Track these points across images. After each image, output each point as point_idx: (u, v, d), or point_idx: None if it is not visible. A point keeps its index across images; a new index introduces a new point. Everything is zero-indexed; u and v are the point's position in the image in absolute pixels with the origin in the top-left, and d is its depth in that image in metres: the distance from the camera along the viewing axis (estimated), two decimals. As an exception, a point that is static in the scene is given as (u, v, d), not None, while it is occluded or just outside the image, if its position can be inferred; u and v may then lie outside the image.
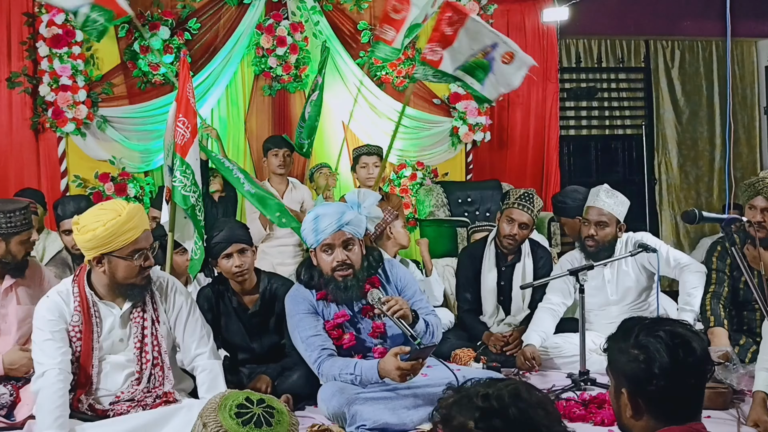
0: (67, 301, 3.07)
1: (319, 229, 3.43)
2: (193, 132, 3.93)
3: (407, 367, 3.13)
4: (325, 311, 3.52)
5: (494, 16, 7.02)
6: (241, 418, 1.71)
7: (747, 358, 3.81)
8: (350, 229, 3.45)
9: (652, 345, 1.80)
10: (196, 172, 3.92)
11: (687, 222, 3.07)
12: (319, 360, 3.40)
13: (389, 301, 3.31)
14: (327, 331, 3.47)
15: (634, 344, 1.82)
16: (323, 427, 3.19)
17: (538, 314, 4.32)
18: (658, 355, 1.78)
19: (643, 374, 1.79)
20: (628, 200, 4.31)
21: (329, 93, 6.61)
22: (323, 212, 3.48)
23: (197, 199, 3.90)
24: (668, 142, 8.15)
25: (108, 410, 3.06)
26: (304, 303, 3.51)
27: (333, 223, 3.41)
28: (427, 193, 6.64)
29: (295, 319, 3.51)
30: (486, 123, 6.96)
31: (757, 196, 3.83)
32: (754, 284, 3.03)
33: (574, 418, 3.34)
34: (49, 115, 5.89)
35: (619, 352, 1.85)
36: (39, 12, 5.89)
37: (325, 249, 3.45)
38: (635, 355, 1.81)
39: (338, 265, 3.43)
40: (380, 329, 3.50)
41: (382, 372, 3.23)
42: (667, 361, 1.77)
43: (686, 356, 1.78)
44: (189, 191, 3.87)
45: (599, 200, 4.22)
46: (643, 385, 1.79)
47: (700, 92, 8.19)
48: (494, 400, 1.49)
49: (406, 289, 3.61)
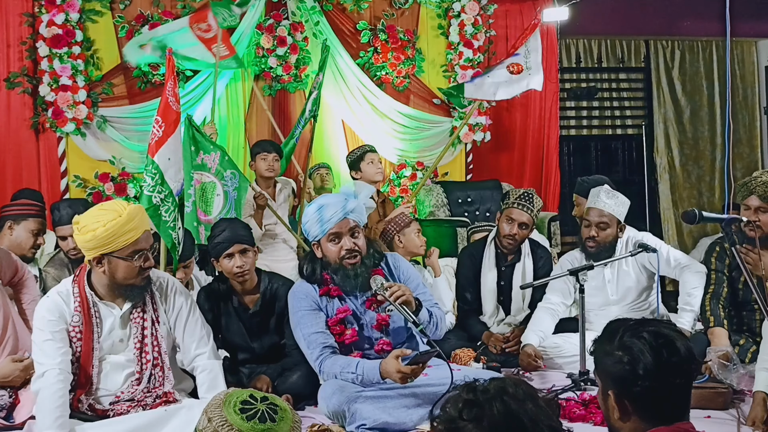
0: (67, 302, 3.07)
1: (324, 218, 3.42)
2: (167, 131, 3.90)
3: (408, 371, 3.13)
4: (328, 306, 3.51)
5: (494, 16, 7.04)
6: (245, 413, 1.72)
7: (747, 358, 3.81)
8: (355, 217, 3.46)
9: (635, 346, 1.81)
10: (166, 171, 3.88)
11: (687, 222, 3.07)
12: (321, 358, 3.40)
13: (392, 287, 3.29)
14: (329, 326, 3.46)
15: (618, 346, 1.84)
16: (323, 426, 3.20)
17: (537, 314, 4.32)
18: (641, 356, 1.79)
19: (628, 375, 1.80)
20: (629, 200, 4.31)
21: (329, 93, 6.62)
22: (326, 202, 3.48)
23: (163, 200, 3.85)
24: (669, 141, 8.15)
25: (108, 410, 3.06)
26: (307, 299, 3.50)
27: (338, 212, 3.41)
28: (427, 193, 6.64)
29: (298, 315, 3.49)
30: (486, 123, 6.97)
31: (751, 195, 3.82)
32: (754, 284, 3.03)
33: (574, 418, 3.34)
34: (49, 115, 5.89)
35: (605, 355, 1.87)
36: (39, 12, 5.89)
37: (332, 238, 3.44)
38: (619, 357, 1.82)
39: (347, 253, 3.42)
40: (384, 322, 3.48)
41: (383, 373, 3.23)
42: (651, 361, 1.78)
43: (670, 356, 1.79)
44: (153, 191, 3.83)
45: (600, 201, 4.22)
46: (629, 386, 1.80)
47: (700, 92, 8.20)
48: (480, 393, 1.53)
49: (409, 281, 3.60)
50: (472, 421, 1.50)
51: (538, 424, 1.50)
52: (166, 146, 3.87)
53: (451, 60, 6.93)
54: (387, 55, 6.69)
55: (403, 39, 6.71)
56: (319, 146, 6.54)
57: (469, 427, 1.50)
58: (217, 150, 4.38)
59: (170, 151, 3.90)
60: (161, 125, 3.87)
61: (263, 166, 5.52)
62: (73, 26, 5.89)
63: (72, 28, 5.87)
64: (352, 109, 6.69)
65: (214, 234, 3.80)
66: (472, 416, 1.51)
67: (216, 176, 4.36)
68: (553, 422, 1.53)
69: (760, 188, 3.79)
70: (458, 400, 1.54)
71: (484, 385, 1.55)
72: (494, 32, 7.04)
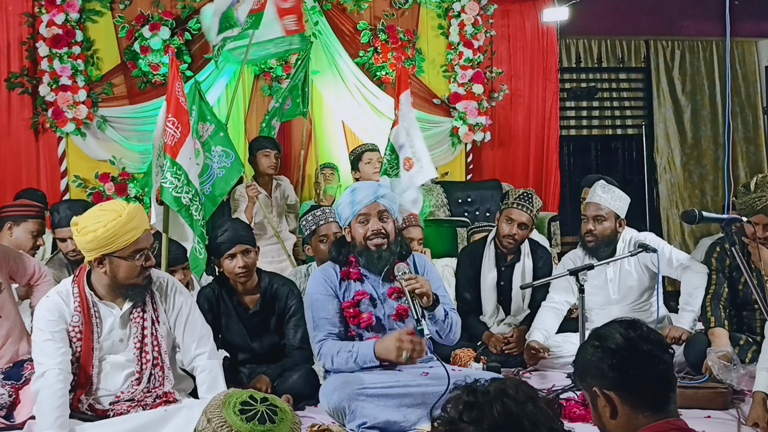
0: (67, 302, 3.07)
1: (356, 200, 3.47)
2: (184, 131, 3.90)
3: (407, 338, 3.14)
4: (347, 290, 3.51)
5: (494, 16, 7.03)
6: (245, 414, 1.72)
7: (747, 358, 3.81)
8: (385, 203, 3.49)
9: (605, 331, 1.94)
10: (189, 171, 3.89)
11: (687, 222, 3.07)
12: (323, 341, 3.42)
13: (412, 279, 3.26)
14: (344, 308, 3.47)
15: (591, 337, 1.96)
16: (323, 426, 3.20)
17: (541, 312, 4.32)
18: (610, 335, 1.90)
19: (603, 357, 1.88)
20: (628, 197, 4.32)
21: (329, 93, 6.62)
22: (360, 186, 3.59)
23: (191, 199, 3.87)
24: (670, 141, 8.14)
25: (108, 410, 3.06)
26: (325, 284, 3.51)
27: (370, 194, 3.47)
28: (427, 193, 6.64)
29: (312, 297, 3.52)
30: (486, 123, 6.97)
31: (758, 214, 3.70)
32: (754, 284, 3.03)
33: (574, 418, 3.34)
34: (49, 115, 5.89)
35: (581, 352, 1.97)
36: (39, 12, 5.89)
37: (361, 220, 3.46)
38: (593, 345, 1.92)
39: (373, 233, 3.43)
40: (404, 311, 3.45)
41: (378, 347, 3.25)
42: (619, 337, 1.88)
43: (636, 331, 1.89)
44: (181, 192, 3.84)
45: (595, 195, 4.26)
46: (606, 370, 1.87)
47: (701, 91, 8.19)
48: (480, 394, 1.54)
49: (431, 281, 3.59)
50: (472, 422, 1.51)
51: (538, 426, 1.50)
52: (185, 146, 3.88)
53: (451, 60, 6.93)
54: (387, 55, 6.68)
55: (403, 39, 6.71)
56: (319, 146, 6.54)
57: (470, 428, 1.51)
58: (214, 123, 4.39)
59: (190, 150, 3.92)
60: (177, 126, 3.88)
61: (266, 163, 5.55)
62: (73, 26, 5.89)
63: (72, 28, 5.87)
64: (352, 109, 6.69)
65: (215, 234, 3.80)
66: (472, 418, 1.51)
67: (203, 146, 4.36)
68: (553, 423, 1.53)
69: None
70: (459, 402, 1.55)
71: (484, 386, 1.56)
72: (494, 32, 7.04)
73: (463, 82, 6.90)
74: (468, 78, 6.89)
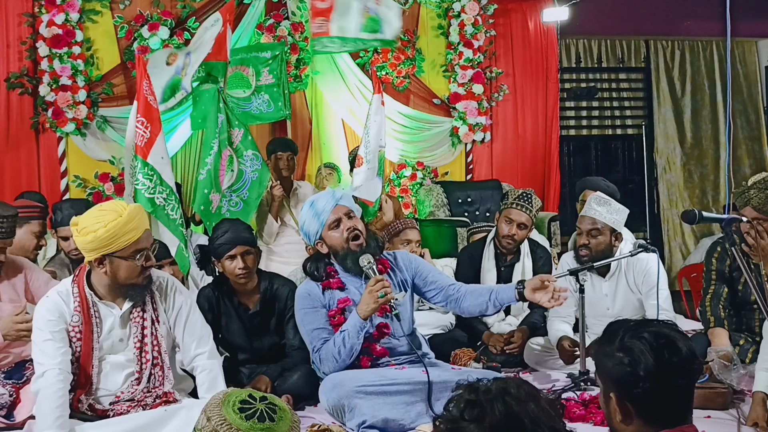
0: (66, 302, 3.07)
1: (318, 210, 3.53)
2: (154, 130, 3.88)
3: (375, 287, 3.28)
4: (331, 300, 3.55)
5: (494, 16, 7.03)
6: (244, 412, 1.72)
7: (747, 358, 3.80)
8: (346, 202, 3.58)
9: (636, 347, 1.78)
10: (162, 171, 3.86)
11: (687, 222, 3.06)
12: (319, 349, 3.46)
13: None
14: (330, 317, 3.52)
15: (618, 347, 1.81)
16: (323, 426, 3.20)
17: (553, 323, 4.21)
18: (642, 357, 1.76)
19: (629, 377, 1.77)
20: (626, 209, 4.24)
21: (329, 93, 6.62)
22: (316, 197, 3.64)
23: (166, 199, 3.83)
24: (670, 141, 8.14)
25: (108, 410, 3.06)
26: (309, 298, 3.56)
27: (330, 200, 3.55)
28: (427, 193, 6.64)
29: (301, 313, 3.58)
30: (486, 123, 6.97)
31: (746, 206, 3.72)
32: (754, 284, 3.03)
33: (574, 418, 3.34)
34: (49, 115, 5.89)
35: (605, 356, 1.84)
36: (39, 12, 5.89)
37: (333, 226, 3.52)
38: (620, 359, 1.79)
39: (350, 233, 3.49)
40: (387, 309, 3.48)
41: (359, 310, 3.35)
42: (652, 362, 1.75)
43: (671, 356, 1.76)
44: (154, 192, 3.82)
45: (591, 209, 4.16)
46: (630, 388, 1.77)
47: (702, 91, 8.19)
48: (482, 393, 1.54)
49: (421, 268, 3.68)
50: (473, 421, 1.51)
51: (539, 425, 1.50)
52: (156, 146, 3.85)
53: (451, 60, 6.93)
54: (387, 55, 6.69)
55: (403, 39, 6.70)
56: (320, 146, 6.54)
57: (471, 427, 1.51)
58: (242, 127, 4.39)
59: (161, 149, 3.89)
60: (147, 126, 3.85)
61: (280, 165, 5.56)
62: (73, 26, 5.89)
63: (72, 28, 5.87)
64: (352, 109, 6.69)
65: (216, 235, 3.81)
66: (473, 416, 1.51)
67: (235, 152, 4.36)
68: (555, 423, 1.53)
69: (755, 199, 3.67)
70: (460, 401, 1.55)
71: (486, 385, 1.56)
72: (494, 32, 7.04)
73: (463, 82, 6.90)
74: (468, 78, 6.89)
